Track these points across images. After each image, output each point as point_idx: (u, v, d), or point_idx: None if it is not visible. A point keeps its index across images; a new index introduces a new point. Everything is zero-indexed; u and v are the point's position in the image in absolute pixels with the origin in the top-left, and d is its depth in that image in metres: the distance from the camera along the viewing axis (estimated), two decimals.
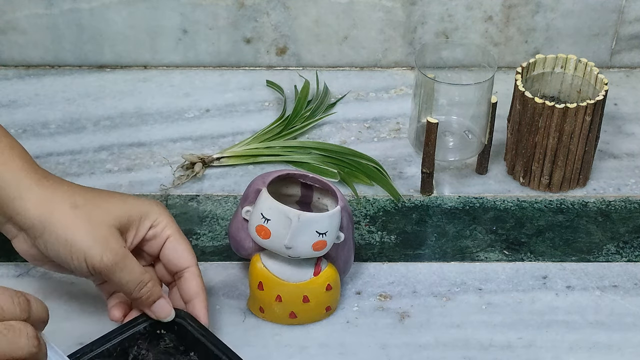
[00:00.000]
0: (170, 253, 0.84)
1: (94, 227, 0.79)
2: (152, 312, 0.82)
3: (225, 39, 1.18)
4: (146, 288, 0.81)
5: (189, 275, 0.84)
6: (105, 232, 0.79)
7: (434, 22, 1.17)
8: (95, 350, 0.80)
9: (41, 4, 1.14)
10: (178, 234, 0.84)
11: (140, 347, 0.82)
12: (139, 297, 0.81)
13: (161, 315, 0.82)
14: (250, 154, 1.06)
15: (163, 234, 0.84)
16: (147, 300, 0.81)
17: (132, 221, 0.82)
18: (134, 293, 0.80)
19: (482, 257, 0.96)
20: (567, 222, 1.00)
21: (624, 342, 0.88)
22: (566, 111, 0.97)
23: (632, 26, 1.18)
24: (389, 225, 0.99)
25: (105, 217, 0.80)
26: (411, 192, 1.03)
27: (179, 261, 0.84)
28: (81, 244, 0.78)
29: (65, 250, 0.78)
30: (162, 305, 0.82)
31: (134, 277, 0.80)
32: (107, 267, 0.79)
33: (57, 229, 0.79)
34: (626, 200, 1.03)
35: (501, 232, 0.99)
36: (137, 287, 0.80)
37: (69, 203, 0.80)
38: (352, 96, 1.17)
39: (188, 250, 0.84)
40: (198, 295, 0.84)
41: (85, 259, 0.78)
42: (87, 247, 0.78)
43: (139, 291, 0.81)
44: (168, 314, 0.82)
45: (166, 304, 0.82)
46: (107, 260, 0.78)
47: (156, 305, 0.82)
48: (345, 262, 0.89)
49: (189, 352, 0.82)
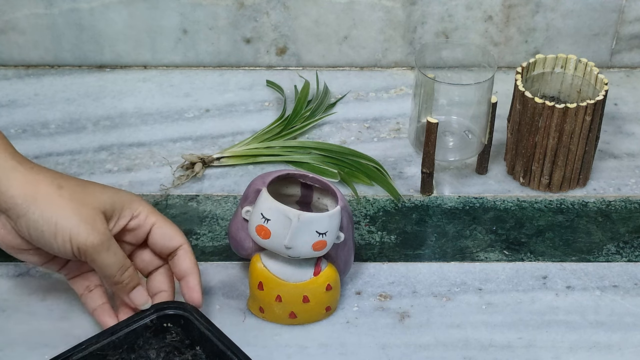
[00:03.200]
0: (160, 237, 0.84)
1: (80, 207, 0.79)
2: (131, 299, 0.82)
3: (225, 39, 1.18)
4: (127, 273, 0.81)
5: (182, 253, 0.85)
6: (90, 212, 0.79)
7: (434, 22, 1.17)
8: (101, 341, 0.80)
9: (41, 4, 1.14)
10: (163, 219, 0.85)
11: (146, 340, 0.82)
12: (120, 282, 0.81)
13: (139, 302, 0.82)
14: (250, 154, 1.06)
15: (147, 222, 0.84)
16: (128, 286, 0.82)
17: (114, 209, 0.82)
18: (116, 277, 0.80)
19: (482, 257, 0.96)
20: (567, 222, 1.00)
21: (624, 342, 0.88)
22: (566, 111, 0.97)
23: (632, 26, 1.18)
24: (389, 225, 0.99)
25: (91, 199, 0.80)
26: (411, 192, 1.03)
27: (171, 242, 0.84)
28: (67, 222, 0.78)
29: (50, 229, 0.78)
30: (140, 293, 0.83)
31: (117, 260, 0.80)
32: (93, 247, 0.78)
33: (43, 207, 0.78)
34: (626, 200, 1.03)
35: (501, 232, 0.99)
36: (120, 271, 0.80)
37: (54, 184, 0.80)
38: (352, 96, 1.17)
39: (176, 231, 0.85)
40: (191, 272, 0.84)
41: (71, 238, 0.78)
42: (73, 225, 0.78)
43: (121, 275, 0.81)
44: (145, 301, 0.83)
45: (144, 291, 0.83)
46: (92, 240, 0.78)
47: (135, 291, 0.82)
48: (345, 262, 0.89)
49: (194, 346, 0.82)
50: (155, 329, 0.83)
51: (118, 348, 0.81)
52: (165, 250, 0.85)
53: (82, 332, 0.85)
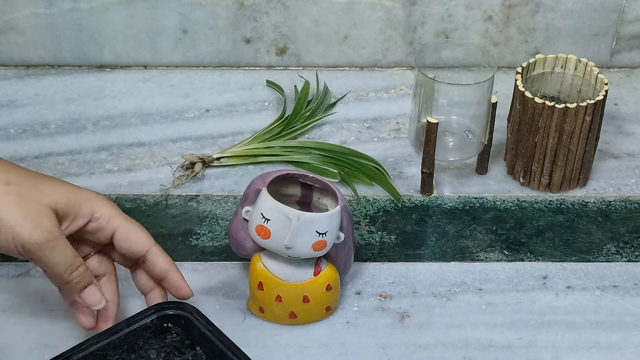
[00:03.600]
0: (125, 243, 0.82)
1: (26, 204, 0.76)
2: (82, 298, 0.80)
3: (225, 39, 1.18)
4: (77, 272, 0.78)
5: (152, 257, 0.82)
6: (38, 209, 0.76)
7: (434, 22, 1.17)
8: (101, 342, 0.80)
9: (41, 4, 1.14)
10: (126, 222, 0.82)
11: (146, 340, 0.82)
12: (69, 281, 0.78)
13: (91, 301, 0.80)
14: (250, 154, 1.06)
15: (109, 225, 0.81)
16: (78, 285, 0.79)
17: (70, 207, 0.79)
18: (64, 276, 0.78)
19: (482, 257, 0.96)
20: (567, 222, 1.00)
21: (624, 342, 0.88)
22: (566, 111, 0.97)
23: (632, 26, 1.18)
24: (389, 225, 0.99)
25: (40, 196, 0.77)
26: (411, 192, 1.03)
27: (138, 248, 0.82)
28: (9, 219, 0.75)
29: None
30: (93, 292, 0.80)
31: (65, 259, 0.77)
32: (37, 245, 0.76)
33: None
34: (626, 200, 1.03)
35: (501, 232, 0.99)
36: (68, 270, 0.78)
37: (2, 180, 0.77)
38: (352, 96, 1.17)
39: (141, 234, 0.82)
40: (170, 269, 0.82)
41: (13, 236, 0.75)
42: (16, 223, 0.75)
43: (69, 274, 0.78)
44: (98, 301, 0.80)
45: (97, 290, 0.80)
46: (36, 238, 0.75)
47: (86, 291, 0.80)
48: (345, 262, 0.89)
49: (194, 347, 0.82)
50: (156, 329, 0.83)
51: (118, 348, 0.81)
52: (132, 256, 0.83)
53: (82, 332, 0.85)
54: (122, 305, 0.88)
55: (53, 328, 0.87)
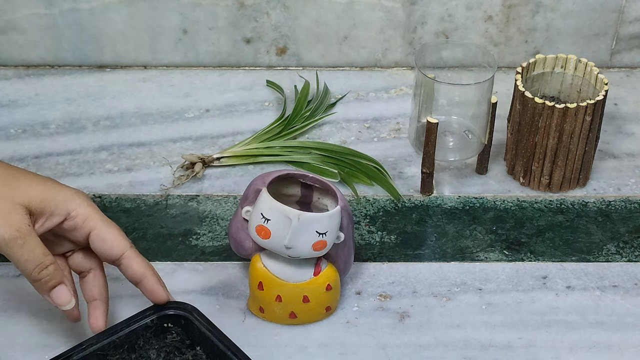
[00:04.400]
0: (100, 245, 0.80)
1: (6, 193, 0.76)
2: (51, 298, 0.79)
3: (225, 39, 1.18)
4: (46, 271, 0.77)
5: (127, 261, 0.81)
6: (8, 206, 0.76)
7: (434, 22, 1.17)
8: (101, 341, 0.80)
9: (41, 4, 1.14)
10: (102, 224, 0.80)
11: (146, 340, 0.82)
12: (38, 280, 0.77)
13: (60, 302, 0.79)
14: (250, 154, 1.06)
15: (85, 225, 0.80)
16: (46, 285, 0.78)
17: (45, 206, 0.78)
18: (32, 274, 0.76)
19: (482, 257, 0.96)
20: (567, 222, 1.00)
21: (624, 342, 0.88)
22: (566, 111, 0.97)
23: (632, 26, 1.18)
24: (389, 225, 0.99)
25: (12, 193, 0.77)
26: (411, 192, 1.03)
27: (112, 251, 0.80)
28: None
29: None
30: (62, 292, 0.78)
31: (34, 257, 0.76)
32: (5, 241, 0.75)
33: None
34: (626, 200, 1.03)
35: (501, 232, 0.99)
36: (37, 269, 0.76)
37: None
38: (352, 96, 1.17)
39: (117, 236, 0.81)
40: (144, 274, 0.81)
41: None
42: None
43: (38, 273, 0.77)
44: (67, 301, 0.79)
45: (67, 291, 0.79)
46: (4, 234, 0.75)
47: (55, 291, 0.78)
48: (345, 262, 0.89)
49: (195, 347, 0.82)
50: (156, 329, 0.83)
51: (118, 348, 0.81)
52: (108, 258, 0.82)
53: (82, 332, 0.85)
54: (122, 305, 0.89)
55: (53, 328, 0.87)
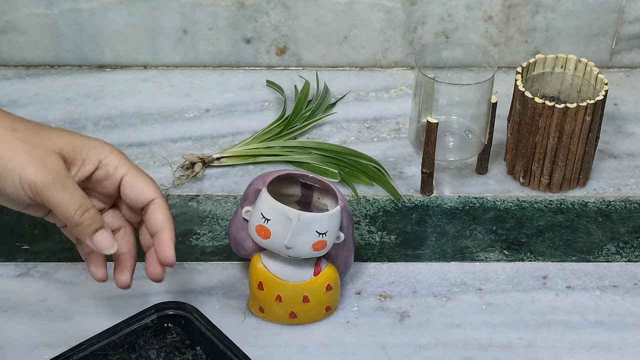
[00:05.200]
0: (130, 190, 0.79)
1: (33, 148, 0.75)
2: (93, 242, 0.76)
3: (225, 39, 1.18)
4: (88, 214, 0.75)
5: (154, 208, 0.79)
6: (44, 152, 0.74)
7: (434, 22, 1.17)
8: (101, 341, 0.80)
9: (41, 4, 1.14)
10: (134, 170, 0.79)
11: (146, 340, 0.83)
12: (80, 223, 0.75)
13: (102, 246, 0.77)
14: (250, 154, 1.06)
15: (116, 173, 0.79)
16: (89, 228, 0.76)
17: (77, 153, 0.77)
18: (75, 217, 0.75)
19: (482, 257, 0.96)
20: (567, 222, 1.00)
21: (624, 342, 0.88)
22: (566, 111, 0.97)
23: (632, 26, 1.18)
24: (389, 225, 0.99)
25: (45, 142, 0.76)
26: (411, 192, 1.03)
27: (142, 196, 0.79)
28: (15, 162, 0.74)
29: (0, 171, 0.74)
30: (104, 236, 0.77)
31: (75, 199, 0.74)
32: (45, 184, 0.73)
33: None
34: (626, 200, 1.03)
35: (501, 232, 0.99)
36: (79, 211, 0.75)
37: (7, 127, 0.76)
38: (352, 96, 1.17)
39: (149, 183, 0.79)
40: (164, 227, 0.79)
41: (20, 178, 0.73)
42: (22, 164, 0.73)
43: (80, 215, 0.75)
44: (110, 245, 0.77)
45: (109, 235, 0.77)
46: (43, 177, 0.73)
47: (98, 235, 0.76)
48: (345, 262, 0.89)
49: (195, 346, 0.82)
50: (156, 329, 0.83)
51: (119, 348, 0.81)
52: (137, 204, 0.79)
53: (82, 332, 0.85)
54: (122, 305, 0.89)
55: (53, 328, 0.87)
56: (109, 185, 0.79)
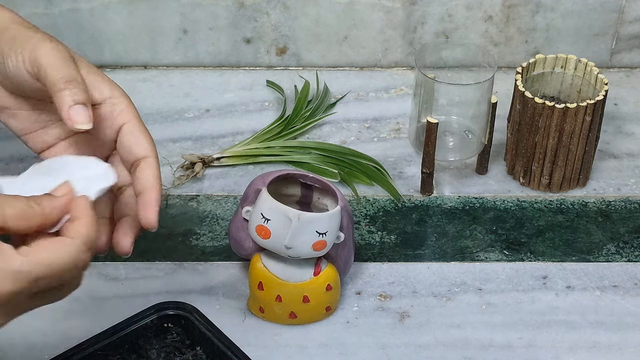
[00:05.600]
0: (128, 138, 0.74)
1: (55, 43, 0.72)
2: (69, 113, 0.70)
3: (225, 39, 1.18)
4: (75, 83, 0.71)
5: (146, 165, 0.73)
6: (64, 50, 0.72)
7: (434, 22, 1.17)
8: (101, 342, 0.80)
9: (41, 4, 1.14)
10: (137, 121, 0.75)
11: (146, 340, 0.83)
12: (63, 89, 0.70)
13: (78, 119, 0.70)
14: (250, 154, 1.06)
15: (119, 117, 0.74)
16: (71, 97, 0.70)
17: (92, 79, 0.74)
18: (60, 82, 0.70)
19: (482, 257, 0.96)
20: (567, 222, 1.00)
21: (624, 342, 0.88)
22: (566, 111, 0.97)
23: (632, 26, 1.18)
24: (389, 225, 0.99)
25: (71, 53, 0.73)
26: (411, 192, 1.03)
27: (137, 148, 0.74)
28: (31, 42, 0.71)
29: (14, 52, 0.72)
30: (83, 111, 0.70)
31: (69, 70, 0.71)
32: (46, 52, 0.71)
33: (13, 35, 0.72)
34: (626, 200, 1.03)
35: (501, 232, 0.99)
36: (66, 77, 0.71)
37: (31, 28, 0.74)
38: (352, 96, 1.17)
39: (148, 139, 0.74)
40: (152, 186, 0.72)
41: (30, 54, 0.71)
42: (35, 45, 0.71)
43: (65, 82, 0.70)
44: (86, 120, 0.70)
45: (88, 112, 0.70)
46: (49, 46, 0.71)
47: (78, 107, 0.70)
48: (345, 262, 0.89)
49: (195, 347, 0.82)
50: (156, 329, 0.83)
51: (119, 348, 0.81)
52: (129, 156, 0.74)
53: (82, 332, 0.85)
54: (122, 305, 0.88)
55: (53, 328, 0.87)
56: (108, 128, 0.75)
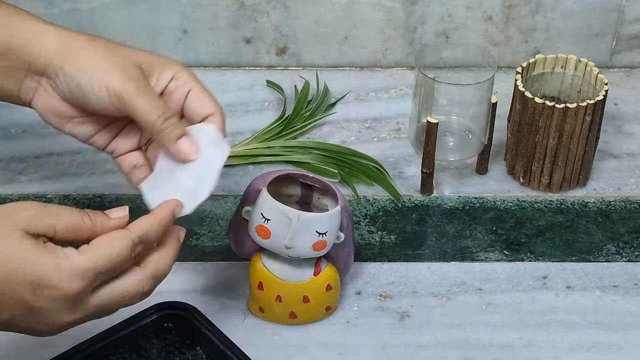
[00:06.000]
0: (195, 101, 0.81)
1: (114, 56, 0.78)
2: (177, 148, 0.78)
3: (225, 39, 1.18)
4: (171, 120, 0.77)
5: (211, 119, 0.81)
6: (125, 62, 0.78)
7: (434, 22, 1.17)
8: (101, 341, 0.80)
9: (41, 4, 1.14)
10: (201, 86, 0.82)
11: (147, 340, 0.83)
12: (163, 129, 0.77)
13: (186, 151, 0.78)
14: (250, 154, 1.06)
15: (185, 86, 0.81)
16: (172, 134, 0.78)
17: (153, 68, 0.80)
18: (157, 123, 0.77)
19: (482, 257, 0.96)
20: (567, 222, 1.00)
21: (624, 342, 0.88)
22: (566, 111, 0.97)
23: (632, 26, 1.18)
24: (389, 225, 0.99)
25: (125, 53, 0.79)
26: (411, 192, 1.03)
27: (203, 108, 0.81)
28: (101, 69, 0.77)
29: (85, 78, 0.77)
30: (188, 143, 0.78)
31: (157, 105, 0.77)
32: (130, 92, 0.76)
33: (77, 57, 0.78)
34: (626, 200, 1.03)
35: (501, 232, 0.99)
36: (161, 117, 0.77)
37: (87, 37, 0.79)
38: (352, 96, 1.17)
39: (212, 99, 0.81)
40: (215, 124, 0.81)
41: (106, 85, 0.76)
42: (108, 71, 0.77)
43: (162, 122, 0.77)
44: (194, 151, 0.78)
45: (191, 143, 0.79)
46: (128, 84, 0.76)
47: (182, 141, 0.78)
48: (345, 262, 0.89)
49: (195, 346, 0.82)
50: (156, 329, 0.83)
51: (119, 348, 0.81)
52: (197, 117, 0.81)
53: (82, 332, 0.85)
54: None
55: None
56: (176, 98, 0.81)
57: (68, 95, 0.79)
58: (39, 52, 0.79)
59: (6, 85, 0.81)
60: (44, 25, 0.80)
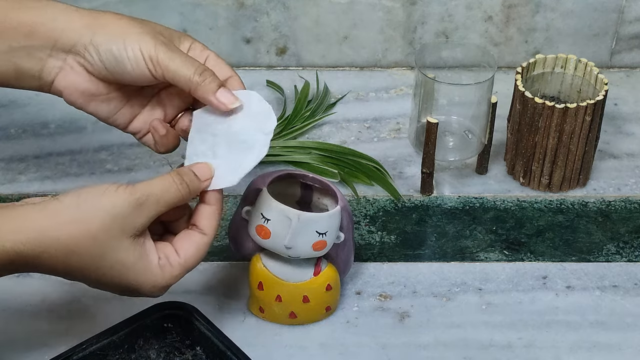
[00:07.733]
0: (214, 66, 0.82)
1: (140, 25, 0.81)
2: (217, 98, 0.80)
3: (225, 39, 1.18)
4: (207, 72, 0.79)
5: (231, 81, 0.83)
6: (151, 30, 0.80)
7: (434, 22, 1.17)
8: (101, 341, 0.80)
9: None
10: (216, 54, 0.84)
11: (146, 340, 0.83)
12: (201, 82, 0.79)
13: (227, 101, 0.80)
14: None
15: (202, 54, 0.83)
16: (211, 85, 0.79)
17: (172, 37, 0.83)
18: (194, 78, 0.79)
19: (482, 257, 0.96)
20: (567, 222, 1.00)
21: (624, 342, 0.88)
22: (566, 111, 0.97)
23: (632, 26, 1.18)
24: (389, 225, 0.99)
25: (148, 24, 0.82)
26: (411, 192, 1.03)
27: (223, 71, 0.83)
28: (132, 35, 0.79)
29: (118, 44, 0.79)
30: (227, 93, 0.80)
31: (191, 61, 0.79)
32: (164, 52, 0.79)
33: (107, 27, 0.80)
34: (626, 200, 1.03)
35: (501, 232, 0.99)
36: (197, 71, 0.79)
37: (112, 14, 0.82)
38: (352, 96, 1.17)
39: (227, 65, 0.84)
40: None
41: (140, 48, 0.79)
42: (138, 36, 0.79)
43: (199, 75, 0.79)
44: (233, 100, 0.80)
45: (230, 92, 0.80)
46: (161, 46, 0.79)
47: (221, 91, 0.80)
48: (345, 262, 0.89)
49: (194, 346, 0.82)
50: (156, 329, 0.83)
51: (118, 348, 0.81)
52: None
53: (82, 332, 0.85)
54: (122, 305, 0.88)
55: (53, 328, 0.87)
56: None
57: (99, 67, 0.80)
58: (65, 29, 0.80)
59: (27, 66, 0.82)
60: (67, 6, 0.81)
